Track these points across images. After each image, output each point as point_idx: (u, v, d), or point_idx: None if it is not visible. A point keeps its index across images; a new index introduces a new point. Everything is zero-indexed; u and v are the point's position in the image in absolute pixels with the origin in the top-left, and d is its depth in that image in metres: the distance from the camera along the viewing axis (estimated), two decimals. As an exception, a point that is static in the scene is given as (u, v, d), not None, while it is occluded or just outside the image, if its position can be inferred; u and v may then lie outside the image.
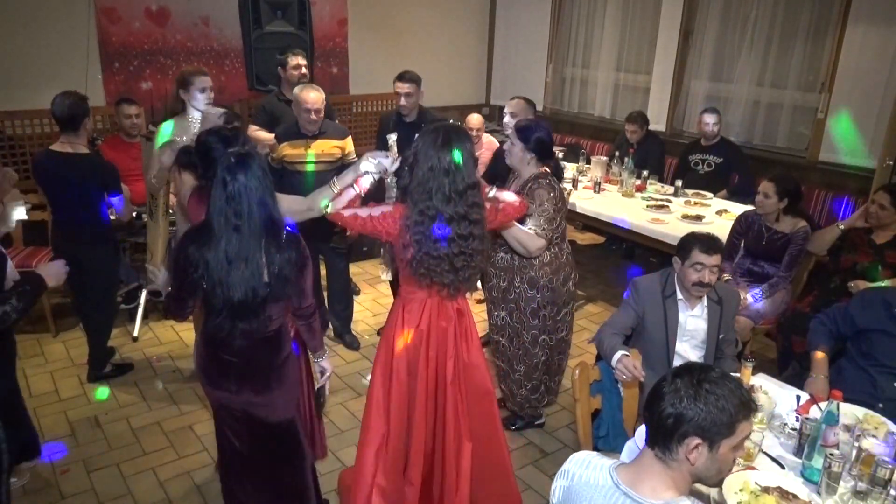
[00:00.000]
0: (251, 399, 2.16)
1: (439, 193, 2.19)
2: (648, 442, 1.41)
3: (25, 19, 4.59)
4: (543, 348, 3.10)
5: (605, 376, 2.47)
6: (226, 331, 2.05)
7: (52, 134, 4.54)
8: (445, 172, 2.19)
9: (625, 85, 6.23)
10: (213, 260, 1.96)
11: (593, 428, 2.48)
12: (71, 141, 3.23)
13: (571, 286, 3.10)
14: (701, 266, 2.52)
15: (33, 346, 3.95)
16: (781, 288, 3.57)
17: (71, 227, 3.36)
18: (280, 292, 2.06)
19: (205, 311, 2.12)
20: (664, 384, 1.38)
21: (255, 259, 1.98)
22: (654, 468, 1.39)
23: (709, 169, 4.90)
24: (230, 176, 1.94)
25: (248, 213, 1.95)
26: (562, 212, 2.93)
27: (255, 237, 1.98)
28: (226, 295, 1.98)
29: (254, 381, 2.14)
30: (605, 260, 5.71)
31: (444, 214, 2.20)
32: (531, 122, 3.04)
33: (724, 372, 1.41)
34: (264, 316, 2.07)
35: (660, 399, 1.36)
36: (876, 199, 3.35)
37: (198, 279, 2.00)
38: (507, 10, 6.98)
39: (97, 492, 2.82)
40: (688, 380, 1.35)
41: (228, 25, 5.33)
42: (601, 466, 1.47)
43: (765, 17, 5.01)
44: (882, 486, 1.87)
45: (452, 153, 2.19)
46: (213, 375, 2.16)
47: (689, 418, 1.32)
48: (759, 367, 2.83)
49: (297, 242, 2.08)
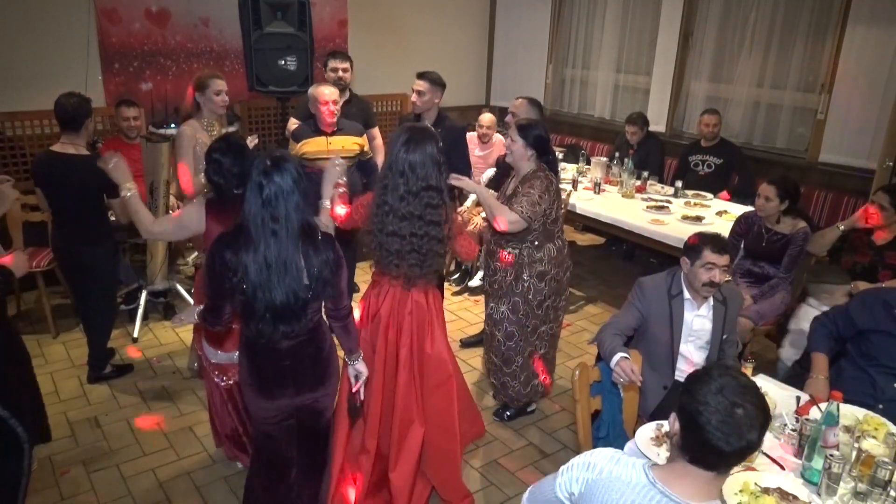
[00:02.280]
0: (311, 395, 2.18)
1: (394, 191, 2.38)
2: (699, 465, 1.40)
3: (25, 20, 4.59)
4: (542, 339, 3.21)
5: (606, 377, 2.47)
6: (267, 335, 2.03)
7: (52, 135, 4.55)
8: (401, 173, 2.37)
9: (625, 86, 6.23)
10: (252, 265, 1.93)
11: (593, 429, 2.48)
12: (72, 141, 3.24)
13: (569, 274, 3.25)
14: (712, 266, 2.53)
15: (33, 346, 3.95)
16: (781, 289, 3.57)
17: (71, 228, 3.36)
18: (320, 293, 2.06)
19: (243, 318, 2.09)
20: (727, 415, 1.35)
21: (294, 262, 1.96)
22: (688, 470, 1.40)
23: (709, 170, 4.91)
24: (266, 179, 1.91)
25: (286, 217, 1.93)
26: (554, 204, 3.02)
27: (293, 240, 1.95)
28: (268, 299, 1.96)
29: (310, 378, 2.16)
30: (605, 261, 5.72)
31: (398, 211, 2.38)
32: (531, 120, 3.13)
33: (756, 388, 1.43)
34: (306, 318, 2.07)
35: (731, 431, 1.35)
36: (876, 200, 3.35)
37: (237, 284, 1.97)
38: (508, 11, 6.99)
39: (97, 492, 2.82)
40: (752, 406, 1.37)
41: (228, 26, 5.33)
42: (633, 464, 1.46)
43: (765, 18, 5.01)
44: (882, 487, 1.88)
45: (410, 155, 2.35)
46: (268, 385, 2.12)
47: (755, 446, 1.37)
48: (759, 367, 2.83)
49: (332, 243, 2.08)
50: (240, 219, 1.98)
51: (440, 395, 2.61)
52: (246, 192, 1.95)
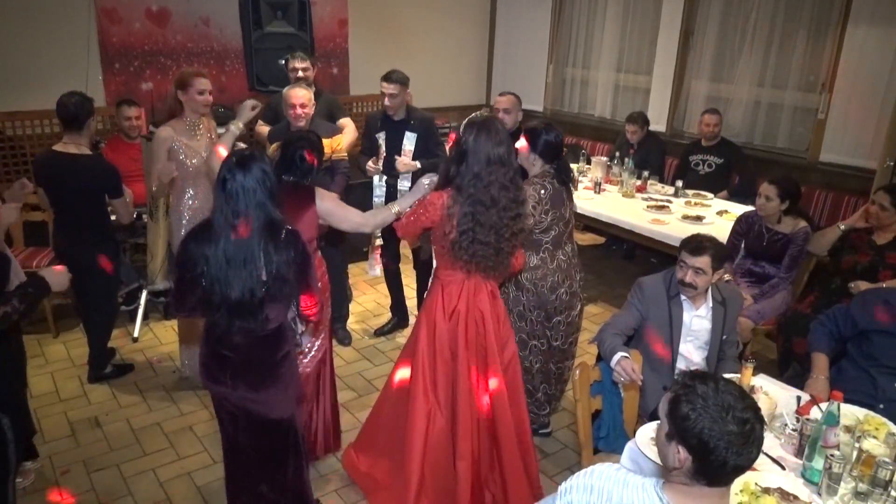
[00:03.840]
0: (246, 395, 2.17)
1: (496, 184, 2.37)
2: (709, 483, 1.39)
3: (26, 20, 4.59)
4: (536, 354, 3.09)
5: (606, 377, 2.47)
6: (223, 327, 2.08)
7: (53, 135, 4.56)
8: (501, 163, 2.37)
9: (625, 85, 6.22)
10: (212, 258, 1.98)
11: (594, 429, 2.48)
12: (74, 141, 3.24)
13: (564, 295, 2.99)
14: (683, 265, 2.60)
15: (34, 346, 3.95)
16: (782, 289, 3.57)
17: (73, 228, 3.36)
18: (278, 293, 2.07)
19: (204, 307, 2.13)
20: (735, 427, 1.33)
21: (253, 259, 1.99)
22: (703, 492, 1.39)
23: (709, 169, 4.90)
24: (230, 175, 1.97)
25: (246, 214, 1.97)
26: (547, 215, 2.88)
27: (254, 237, 1.99)
28: (224, 293, 2.01)
29: (250, 378, 2.15)
30: (605, 261, 5.71)
31: (498, 202, 2.38)
32: (541, 125, 2.98)
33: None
34: (262, 316, 2.07)
35: (736, 451, 1.33)
36: (876, 200, 3.35)
37: (197, 276, 2.02)
38: (508, 10, 6.98)
39: (97, 492, 2.82)
40: (754, 423, 1.35)
41: (229, 26, 5.33)
42: (642, 486, 1.43)
43: (765, 18, 5.01)
44: (883, 487, 1.87)
45: (497, 148, 2.36)
46: (212, 370, 2.17)
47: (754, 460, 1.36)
48: (759, 367, 2.83)
49: (295, 242, 2.08)
50: (210, 212, 2.06)
51: (511, 375, 2.62)
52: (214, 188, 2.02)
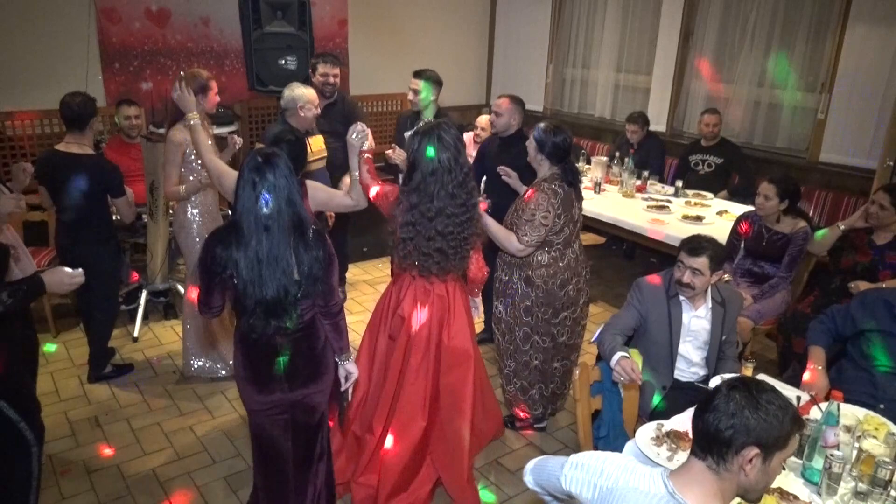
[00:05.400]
0: (305, 391, 2.19)
1: (442, 192, 2.38)
2: (699, 452, 1.40)
3: (26, 20, 4.59)
4: (537, 350, 3.09)
5: (606, 377, 2.47)
6: (259, 330, 2.06)
7: (53, 134, 4.56)
8: (447, 169, 2.38)
9: (625, 85, 6.23)
10: (243, 260, 1.96)
11: (594, 428, 2.48)
12: (77, 141, 3.24)
13: (571, 291, 3.07)
14: (681, 265, 2.62)
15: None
16: (782, 288, 3.57)
17: (75, 228, 3.36)
18: (310, 290, 2.08)
19: (237, 312, 2.11)
20: (718, 396, 1.38)
21: (286, 258, 1.98)
22: (706, 477, 1.40)
23: (709, 169, 4.91)
24: (258, 176, 1.94)
25: (278, 213, 1.95)
26: (563, 217, 2.91)
27: (285, 236, 1.98)
28: (259, 294, 1.99)
29: (306, 373, 2.17)
30: (605, 260, 5.71)
31: (445, 210, 2.40)
32: (550, 126, 2.96)
33: (773, 387, 1.42)
34: (296, 313, 2.08)
35: (716, 410, 1.37)
36: (876, 200, 3.35)
37: (227, 279, 2.01)
38: (508, 10, 6.99)
39: (97, 492, 2.82)
40: (745, 393, 1.37)
41: (228, 26, 5.33)
42: (648, 473, 1.46)
43: (765, 18, 5.01)
44: (882, 487, 1.88)
45: (444, 153, 2.38)
46: (263, 379, 2.14)
47: (750, 429, 1.34)
48: (759, 367, 2.84)
49: (323, 240, 2.09)
50: (233, 215, 2.02)
51: (456, 375, 2.65)
52: (238, 188, 1.99)
